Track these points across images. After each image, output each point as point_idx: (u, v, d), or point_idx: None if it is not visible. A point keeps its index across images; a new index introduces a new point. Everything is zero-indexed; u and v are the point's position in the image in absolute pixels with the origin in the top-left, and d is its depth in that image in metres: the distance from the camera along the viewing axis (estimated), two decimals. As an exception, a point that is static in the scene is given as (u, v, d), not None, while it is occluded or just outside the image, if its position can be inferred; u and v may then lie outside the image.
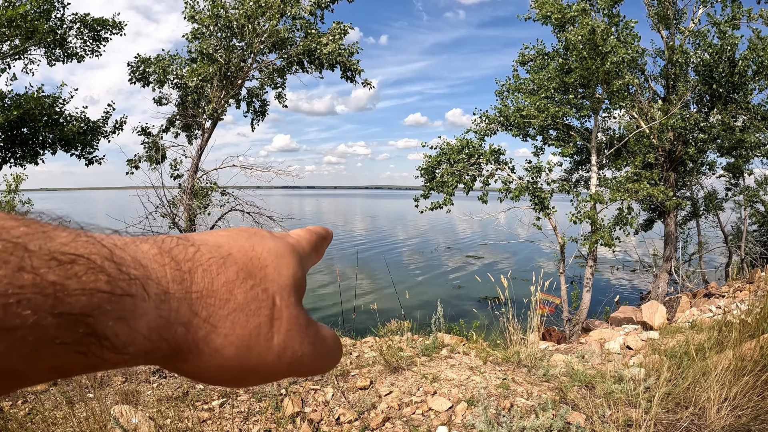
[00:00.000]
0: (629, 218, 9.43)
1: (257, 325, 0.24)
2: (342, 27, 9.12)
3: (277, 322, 0.25)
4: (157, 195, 8.96)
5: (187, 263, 0.23)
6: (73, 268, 0.19)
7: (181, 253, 0.23)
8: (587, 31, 8.36)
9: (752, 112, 10.05)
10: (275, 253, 0.27)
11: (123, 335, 0.20)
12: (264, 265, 0.26)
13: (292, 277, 0.27)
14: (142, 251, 0.22)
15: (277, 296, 0.26)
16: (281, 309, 0.26)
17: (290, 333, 0.26)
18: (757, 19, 9.57)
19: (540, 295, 4.60)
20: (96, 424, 2.22)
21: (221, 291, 0.24)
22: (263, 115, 11.01)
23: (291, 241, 0.31)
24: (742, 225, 13.50)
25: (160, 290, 0.22)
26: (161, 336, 0.21)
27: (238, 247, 0.26)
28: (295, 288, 0.27)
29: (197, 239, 0.26)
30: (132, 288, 0.20)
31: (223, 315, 0.23)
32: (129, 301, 0.20)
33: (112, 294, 0.20)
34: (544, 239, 11.30)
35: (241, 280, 0.25)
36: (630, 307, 9.00)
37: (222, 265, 0.24)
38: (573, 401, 2.86)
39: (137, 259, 0.22)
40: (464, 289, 17.09)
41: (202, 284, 0.23)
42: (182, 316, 0.22)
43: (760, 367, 2.50)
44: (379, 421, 2.75)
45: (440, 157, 9.89)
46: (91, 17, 9.53)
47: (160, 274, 0.22)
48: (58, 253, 0.19)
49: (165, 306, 0.22)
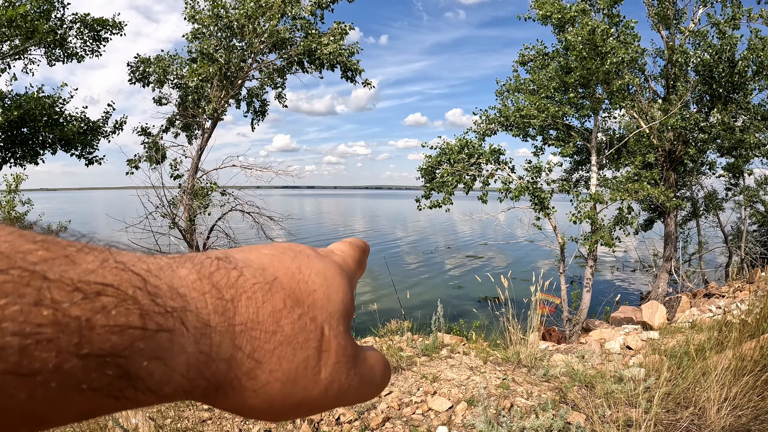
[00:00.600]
0: (629, 218, 9.43)
1: (305, 358, 0.23)
2: (342, 27, 9.13)
3: (325, 355, 0.23)
4: (157, 195, 8.97)
5: (230, 290, 0.21)
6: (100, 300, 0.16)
7: (223, 279, 0.21)
8: (587, 31, 8.37)
9: (752, 112, 10.05)
10: (324, 276, 0.25)
11: (158, 375, 0.18)
12: (312, 290, 0.24)
13: (342, 301, 0.25)
14: (179, 277, 0.20)
15: (326, 325, 0.24)
16: (330, 340, 0.24)
17: (338, 366, 0.24)
18: (757, 19, 9.58)
19: (540, 295, 4.61)
20: (96, 424, 2.23)
21: (267, 322, 0.22)
22: (263, 115, 11.01)
23: (338, 260, 0.28)
24: (742, 225, 13.50)
25: (201, 323, 0.19)
26: (201, 374, 0.19)
27: (284, 270, 0.24)
28: (344, 314, 0.25)
29: (239, 260, 0.23)
30: (169, 322, 0.18)
31: (269, 349, 0.21)
32: (165, 337, 0.18)
33: (146, 330, 0.17)
34: (544, 239, 11.31)
35: (289, 309, 0.23)
36: (630, 307, 9.00)
37: (268, 291, 0.22)
38: (573, 401, 2.86)
39: (174, 287, 0.19)
40: (464, 289, 17.09)
41: (246, 315, 0.21)
42: (224, 351, 0.20)
43: (760, 367, 2.50)
44: (379, 421, 2.75)
45: (440, 157, 9.90)
46: (91, 17, 9.53)
47: (200, 304, 0.20)
48: (83, 283, 0.16)
49: (205, 341, 0.19)
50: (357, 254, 0.32)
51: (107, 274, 0.17)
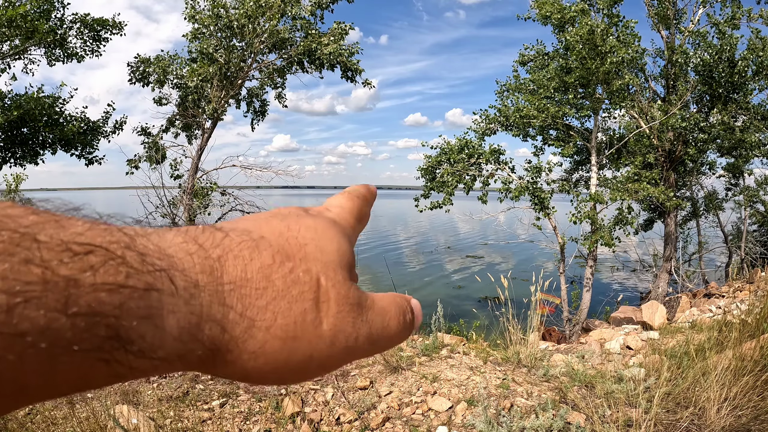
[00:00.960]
0: (629, 218, 9.43)
1: (302, 311, 0.22)
2: (342, 27, 9.13)
3: (324, 305, 0.22)
4: (157, 195, 8.98)
5: (216, 250, 0.21)
6: (89, 259, 0.16)
7: (209, 240, 0.21)
8: (587, 31, 8.37)
9: (752, 112, 10.05)
10: (314, 229, 0.25)
11: (150, 337, 0.18)
12: (303, 244, 0.23)
13: (337, 251, 0.24)
14: (166, 240, 0.20)
15: (322, 276, 0.23)
16: (327, 289, 0.23)
17: (341, 315, 0.23)
18: (757, 19, 9.58)
19: (540, 295, 4.61)
20: (96, 424, 2.22)
21: (256, 278, 0.21)
22: (263, 115, 11.02)
23: (331, 216, 0.27)
24: (742, 225, 13.49)
25: (189, 283, 0.19)
26: (194, 336, 0.19)
27: (271, 229, 0.23)
28: (342, 263, 0.24)
29: (225, 225, 0.23)
30: (158, 281, 0.18)
31: (262, 306, 0.21)
32: (155, 296, 0.18)
33: (135, 289, 0.17)
34: (544, 239, 11.30)
35: (278, 264, 0.22)
36: (630, 307, 9.00)
37: (255, 249, 0.22)
38: (573, 401, 2.86)
39: (161, 248, 0.19)
40: (464, 289, 17.09)
41: (234, 273, 0.20)
42: (215, 311, 0.20)
43: (760, 367, 2.50)
44: (379, 421, 2.75)
45: (440, 157, 9.90)
46: (91, 17, 9.54)
47: (188, 264, 0.19)
48: (72, 243, 0.16)
49: (195, 301, 0.19)
50: (355, 206, 0.30)
51: (96, 236, 0.17)
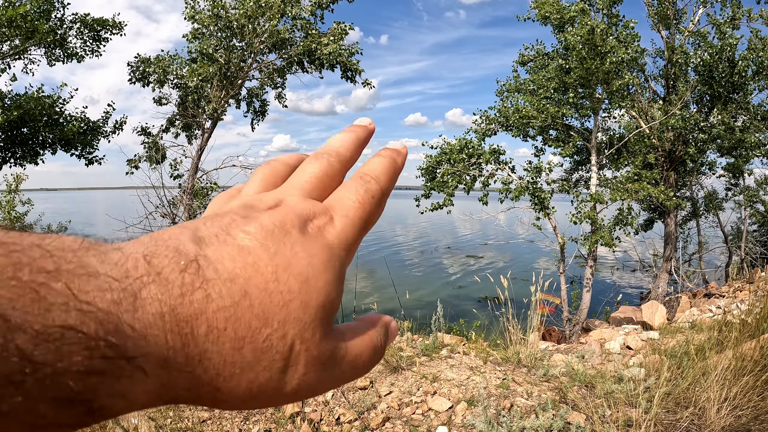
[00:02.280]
0: (629, 218, 9.43)
1: (267, 378, 0.22)
2: (342, 27, 9.13)
3: (292, 369, 0.22)
4: (157, 195, 8.97)
5: (192, 323, 0.20)
6: (63, 346, 0.17)
7: (185, 309, 0.20)
8: (586, 31, 8.37)
9: (752, 112, 10.05)
10: (304, 278, 0.23)
11: (120, 407, 0.19)
12: (288, 301, 0.22)
13: (322, 306, 0.23)
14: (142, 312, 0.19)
15: (297, 340, 0.22)
16: (299, 353, 0.22)
17: (307, 376, 0.23)
18: (757, 19, 9.58)
19: (540, 295, 4.61)
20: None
21: (227, 352, 0.21)
22: (263, 115, 11.02)
23: (331, 239, 0.25)
24: (742, 225, 13.49)
25: (160, 361, 0.20)
26: (161, 398, 0.21)
27: (257, 280, 0.22)
28: (323, 319, 0.23)
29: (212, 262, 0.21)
30: (129, 368, 0.19)
31: (227, 375, 0.21)
32: (126, 381, 0.19)
33: (109, 374, 0.18)
34: (544, 239, 11.30)
35: (253, 333, 0.21)
36: (630, 307, 9.00)
37: (231, 316, 0.21)
38: (573, 401, 2.86)
39: (135, 328, 0.19)
40: (464, 289, 17.09)
41: (204, 346, 0.21)
42: (183, 383, 0.21)
43: (760, 367, 2.50)
44: (379, 421, 2.75)
45: (440, 157, 9.90)
46: (91, 17, 9.54)
47: (161, 341, 0.20)
48: (46, 327, 0.16)
49: (165, 375, 0.20)
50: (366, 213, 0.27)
51: (71, 316, 0.17)
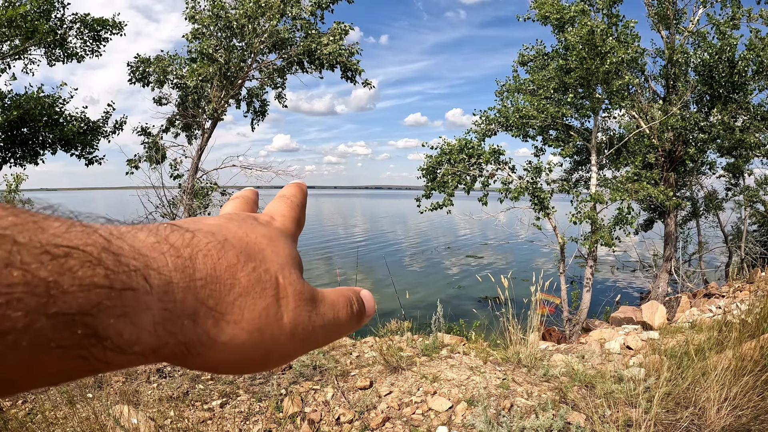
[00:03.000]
0: (629, 218, 9.43)
1: (265, 306, 0.24)
2: (342, 27, 9.13)
3: (284, 301, 0.25)
4: (157, 195, 8.98)
5: (187, 249, 0.22)
6: (67, 262, 0.17)
7: (179, 240, 0.22)
8: (586, 31, 8.37)
9: (752, 112, 10.05)
10: (268, 237, 0.28)
11: (126, 333, 0.19)
12: (261, 248, 0.26)
13: (289, 255, 0.28)
14: (139, 240, 0.21)
15: (280, 275, 0.25)
16: (285, 287, 0.25)
17: (298, 309, 0.26)
18: (757, 19, 9.58)
19: (540, 295, 4.61)
20: (96, 424, 2.22)
21: (225, 276, 0.23)
22: (263, 115, 11.01)
23: (278, 225, 0.31)
24: (742, 225, 13.49)
25: (163, 281, 0.20)
26: (168, 330, 0.20)
27: (232, 234, 0.26)
28: (294, 264, 0.28)
29: (190, 225, 0.24)
30: (133, 281, 0.19)
31: (230, 301, 0.22)
32: (130, 295, 0.19)
33: (111, 289, 0.18)
34: (544, 239, 11.31)
35: (243, 263, 0.24)
36: (630, 307, 9.00)
37: (221, 249, 0.24)
38: (573, 401, 2.86)
39: (136, 248, 0.20)
40: (464, 289, 17.09)
41: (205, 270, 0.22)
42: (188, 306, 0.21)
43: (760, 367, 2.50)
44: (379, 421, 2.75)
45: (441, 157, 9.90)
46: (91, 17, 9.53)
47: (161, 262, 0.21)
48: (51, 246, 0.17)
49: (169, 297, 0.20)
50: (295, 214, 0.34)
51: (73, 237, 0.18)
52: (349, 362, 3.85)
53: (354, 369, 3.63)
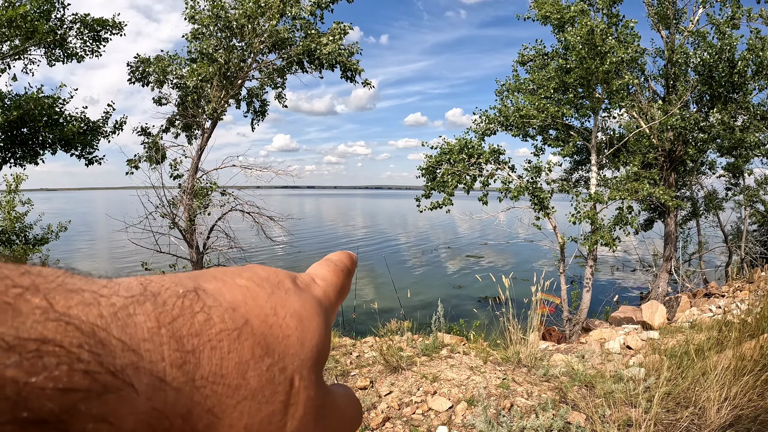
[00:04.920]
0: (629, 218, 9.43)
1: (269, 413, 0.21)
2: (342, 27, 9.13)
3: (293, 408, 0.22)
4: (157, 195, 8.97)
5: (193, 340, 0.19)
6: (40, 361, 0.15)
7: (186, 326, 0.19)
8: (586, 31, 8.37)
9: (752, 112, 10.05)
10: (300, 318, 0.24)
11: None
12: (286, 336, 0.23)
13: (316, 347, 0.24)
14: (134, 326, 0.18)
15: (297, 376, 0.22)
16: (299, 392, 0.22)
17: (306, 418, 0.22)
18: (757, 19, 9.58)
19: (540, 295, 4.61)
20: None
21: (231, 375, 0.20)
22: (263, 115, 11.02)
23: (318, 294, 0.27)
24: (742, 225, 13.50)
25: (154, 379, 0.18)
26: (152, 428, 0.18)
27: (257, 311, 0.22)
28: (317, 361, 0.24)
29: (210, 294, 0.21)
30: (116, 382, 0.17)
31: (231, 405, 0.20)
32: (112, 398, 0.16)
33: (90, 392, 0.16)
34: (544, 239, 11.30)
35: (257, 360, 0.21)
36: (630, 307, 9.00)
37: (236, 339, 0.21)
38: (573, 401, 2.86)
39: (125, 341, 0.18)
40: (464, 289, 17.09)
41: (209, 368, 0.19)
42: (180, 407, 0.18)
43: (760, 367, 2.50)
44: (379, 420, 2.75)
45: (440, 157, 9.90)
46: (91, 17, 9.54)
47: (156, 357, 0.18)
48: (20, 340, 0.15)
49: (159, 397, 0.18)
50: (340, 281, 0.29)
51: (49, 327, 0.16)
52: (349, 362, 3.85)
53: (354, 369, 3.63)
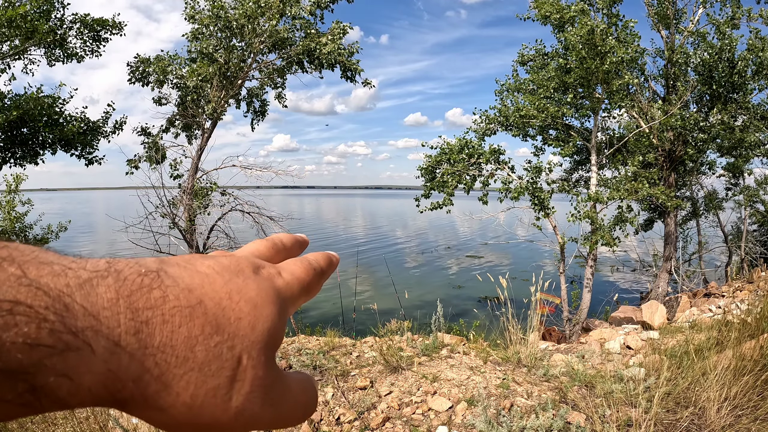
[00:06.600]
0: (629, 218, 9.43)
1: (215, 386, 0.23)
2: (341, 27, 9.13)
3: (239, 384, 0.23)
4: (157, 195, 8.97)
5: (147, 312, 0.21)
6: (11, 317, 0.17)
7: (141, 300, 0.21)
8: (586, 31, 8.37)
9: (752, 112, 10.05)
10: (254, 304, 0.25)
11: (65, 389, 0.19)
12: (237, 318, 0.24)
13: (268, 331, 0.25)
14: (96, 295, 0.20)
15: (245, 355, 0.24)
16: (246, 369, 0.24)
17: (251, 395, 0.24)
18: (757, 19, 9.58)
19: (540, 295, 4.61)
20: (96, 424, 2.23)
21: (180, 347, 0.22)
22: (263, 115, 11.02)
23: (279, 285, 0.28)
24: (742, 225, 13.50)
25: (110, 343, 0.20)
26: (107, 389, 0.20)
27: (213, 294, 0.24)
28: (268, 344, 0.25)
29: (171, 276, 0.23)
30: (77, 342, 0.19)
31: (178, 374, 0.22)
32: (73, 356, 0.19)
33: (53, 348, 0.18)
34: (544, 239, 11.31)
35: (206, 336, 0.23)
36: (630, 307, 9.01)
37: (187, 316, 0.22)
38: (573, 401, 2.86)
39: (86, 307, 0.20)
40: (464, 289, 17.09)
41: (160, 338, 0.21)
42: (133, 371, 0.21)
43: (760, 367, 2.50)
44: (379, 421, 2.75)
45: (440, 156, 9.90)
46: (90, 17, 9.53)
47: (113, 323, 0.20)
48: None
49: (114, 360, 0.20)
50: (308, 278, 0.30)
51: (19, 292, 0.18)
52: (349, 362, 3.85)
53: (354, 369, 3.63)
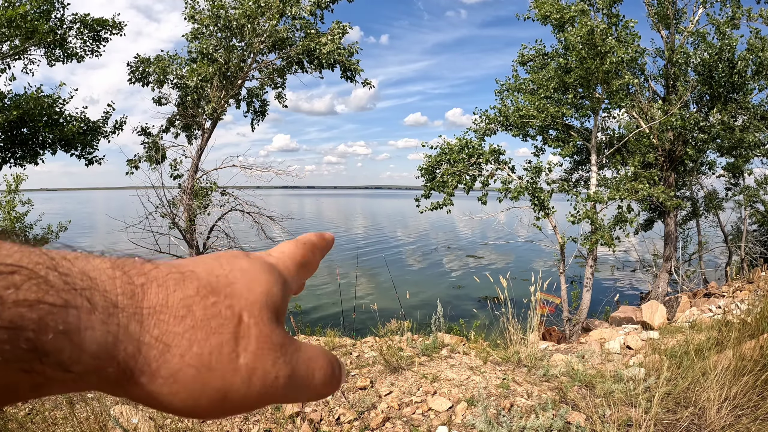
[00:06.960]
0: (629, 218, 9.43)
1: (219, 343, 0.22)
2: (341, 27, 9.13)
3: (244, 341, 0.23)
4: (157, 195, 8.97)
5: (141, 277, 0.22)
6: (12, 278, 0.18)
7: (135, 268, 0.22)
8: (586, 31, 8.37)
9: (752, 112, 10.05)
10: (245, 271, 0.25)
11: (67, 350, 0.19)
12: (231, 282, 0.24)
13: (265, 293, 0.25)
14: (92, 264, 0.21)
15: (245, 312, 0.23)
16: (249, 326, 0.23)
17: (260, 352, 0.23)
18: (757, 19, 9.59)
19: (540, 295, 4.60)
20: (96, 424, 2.23)
21: (177, 307, 0.22)
22: (263, 115, 11.01)
23: (270, 260, 0.28)
24: (742, 225, 13.50)
25: (108, 303, 0.20)
26: (109, 353, 0.20)
27: (204, 266, 0.24)
28: (269, 305, 0.25)
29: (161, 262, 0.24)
30: (76, 299, 0.19)
31: (178, 332, 0.21)
32: (73, 313, 0.19)
33: (53, 305, 0.19)
34: (544, 239, 11.31)
35: (202, 297, 0.23)
36: (630, 307, 9.01)
37: (180, 281, 0.23)
38: (573, 401, 2.86)
39: (85, 271, 0.20)
40: (464, 289, 17.09)
41: (156, 300, 0.21)
42: (132, 333, 0.20)
43: (760, 367, 2.50)
44: (379, 421, 2.75)
45: (440, 156, 9.90)
46: (90, 17, 9.53)
47: (109, 286, 0.21)
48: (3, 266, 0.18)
49: (113, 320, 0.20)
50: (300, 253, 0.30)
51: (22, 257, 0.19)
52: (349, 362, 3.85)
53: (354, 369, 3.63)
